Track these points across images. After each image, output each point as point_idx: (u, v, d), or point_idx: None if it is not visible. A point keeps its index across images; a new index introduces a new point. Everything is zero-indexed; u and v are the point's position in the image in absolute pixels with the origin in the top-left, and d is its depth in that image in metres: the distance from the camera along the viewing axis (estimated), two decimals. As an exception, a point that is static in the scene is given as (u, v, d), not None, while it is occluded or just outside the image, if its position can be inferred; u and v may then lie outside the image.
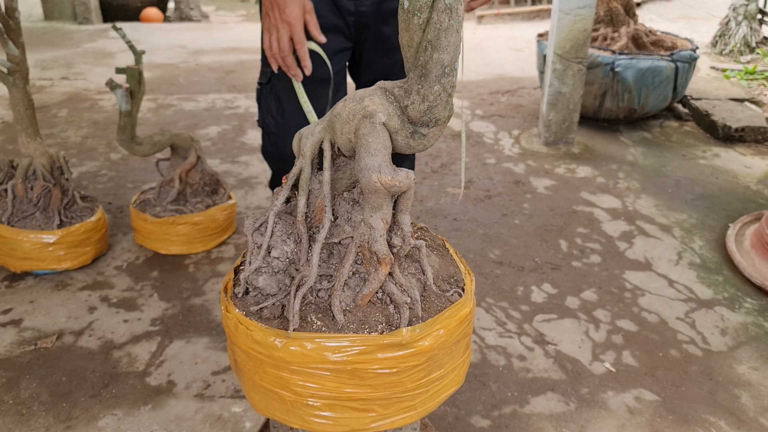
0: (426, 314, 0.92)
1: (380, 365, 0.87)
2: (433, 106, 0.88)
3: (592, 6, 3.27)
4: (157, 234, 2.41)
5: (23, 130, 2.29)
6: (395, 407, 0.92)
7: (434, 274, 1.01)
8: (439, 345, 0.91)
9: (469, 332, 1.01)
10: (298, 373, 0.88)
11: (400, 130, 0.89)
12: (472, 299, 0.98)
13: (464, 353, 1.01)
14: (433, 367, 0.93)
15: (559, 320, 2.12)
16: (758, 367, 1.93)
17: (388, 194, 0.85)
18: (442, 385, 0.97)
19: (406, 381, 0.90)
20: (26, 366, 1.86)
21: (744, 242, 2.56)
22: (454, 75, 0.88)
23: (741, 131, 3.65)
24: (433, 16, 0.84)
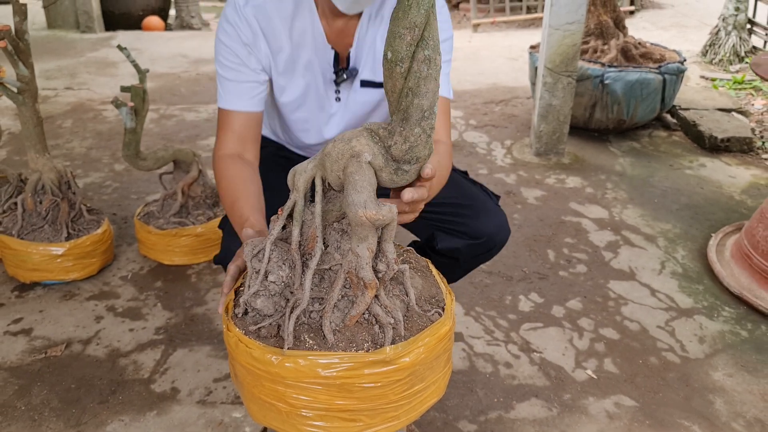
0: (408, 333, 1.01)
1: (366, 380, 0.97)
2: (414, 146, 0.97)
3: (581, 22, 3.38)
4: (160, 245, 2.51)
5: (32, 146, 2.39)
6: (380, 417, 1.02)
7: (417, 295, 1.10)
8: (420, 361, 1.00)
9: (449, 347, 1.10)
10: (292, 387, 0.97)
11: (384, 168, 0.98)
12: (451, 318, 1.07)
13: (444, 367, 1.10)
14: (414, 381, 1.02)
15: (545, 329, 2.22)
16: (733, 373, 2.03)
17: (372, 227, 0.95)
18: (424, 397, 1.06)
19: (390, 394, 1.00)
20: (37, 373, 1.96)
21: (725, 252, 2.66)
22: (433, 118, 0.97)
23: (727, 141, 3.75)
24: (414, 65, 0.93)
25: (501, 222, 1.63)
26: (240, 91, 1.47)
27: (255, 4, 1.43)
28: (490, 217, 1.59)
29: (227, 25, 1.45)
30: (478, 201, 1.57)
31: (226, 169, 1.43)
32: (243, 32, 1.44)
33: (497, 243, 1.64)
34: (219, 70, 1.50)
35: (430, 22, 0.92)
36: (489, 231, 1.55)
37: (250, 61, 1.46)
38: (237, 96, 1.47)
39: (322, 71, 1.52)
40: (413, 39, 0.92)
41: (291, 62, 1.50)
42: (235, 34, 1.44)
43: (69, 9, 6.69)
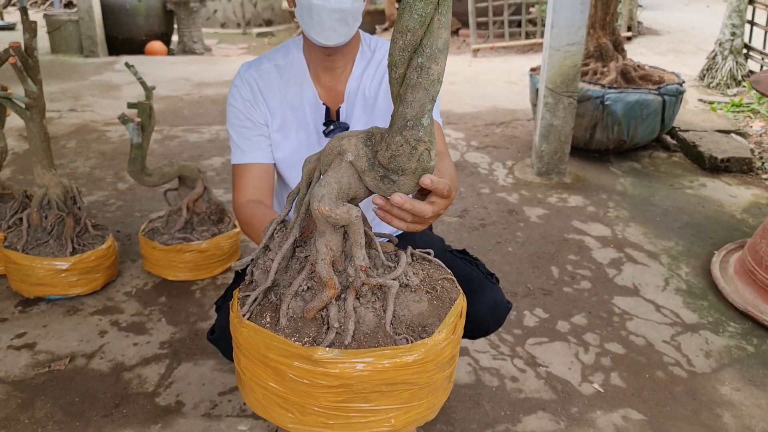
0: (355, 344, 0.99)
1: (294, 372, 0.98)
2: (396, 156, 0.95)
3: (581, 43, 3.43)
4: (165, 261, 2.51)
5: (39, 161, 2.41)
6: (312, 418, 1.01)
7: (403, 318, 1.05)
8: (358, 377, 0.97)
9: (415, 381, 1.02)
10: (245, 356, 1.04)
11: (368, 171, 0.98)
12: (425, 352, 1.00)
13: (405, 401, 1.04)
14: (352, 397, 0.99)
15: (550, 343, 2.22)
16: (740, 388, 2.02)
17: (328, 223, 0.96)
18: (368, 421, 1.02)
19: (320, 397, 0.99)
20: (41, 387, 1.95)
21: (728, 269, 2.67)
22: (419, 129, 0.94)
23: (727, 162, 3.78)
24: (407, 72, 0.93)
25: (496, 301, 1.56)
26: (250, 146, 1.59)
27: (256, 69, 1.60)
28: (483, 298, 1.52)
29: (233, 89, 1.61)
30: (472, 282, 1.50)
31: (252, 210, 1.50)
32: (244, 92, 1.59)
33: (491, 326, 1.58)
34: (230, 130, 1.63)
35: (431, 30, 0.90)
36: (481, 314, 1.50)
37: (253, 115, 1.59)
38: (248, 150, 1.59)
39: (315, 127, 1.62)
40: (405, 44, 0.91)
41: (286, 121, 1.61)
42: (239, 95, 1.60)
43: (73, 34, 6.78)
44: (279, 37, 9.15)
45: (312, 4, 1.41)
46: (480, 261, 1.66)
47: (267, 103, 1.60)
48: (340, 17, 1.41)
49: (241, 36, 9.36)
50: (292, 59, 1.61)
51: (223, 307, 1.50)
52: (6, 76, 2.59)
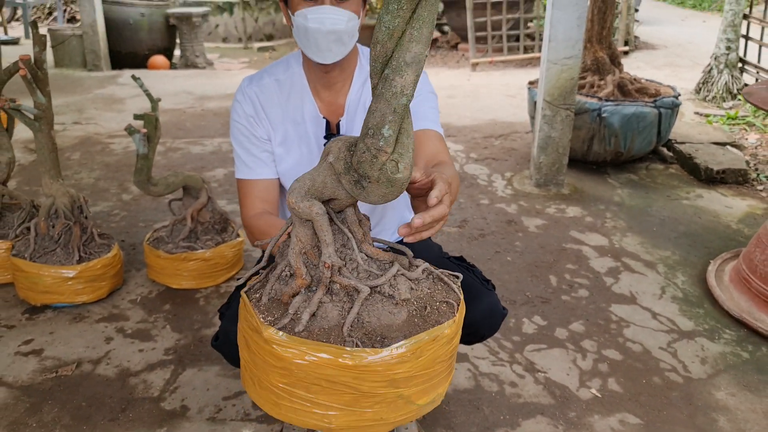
0: (305, 334, 1.04)
1: (254, 346, 1.08)
2: (360, 162, 0.99)
3: (578, 56, 3.50)
4: (169, 269, 2.55)
5: (47, 171, 2.46)
6: (266, 393, 1.10)
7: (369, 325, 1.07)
8: (297, 365, 1.02)
9: (356, 387, 1.04)
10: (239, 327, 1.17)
11: (344, 174, 1.03)
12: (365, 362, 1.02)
13: (346, 403, 1.05)
14: (295, 382, 1.04)
15: (549, 350, 2.25)
16: (735, 393, 2.05)
17: (296, 216, 1.05)
18: (309, 411, 1.07)
19: (270, 374, 1.06)
20: (48, 392, 1.98)
21: (724, 277, 2.71)
22: (380, 139, 0.97)
23: (722, 173, 3.84)
24: (378, 82, 0.97)
25: (491, 307, 1.59)
26: (255, 162, 1.64)
27: (257, 84, 1.64)
28: (479, 304, 1.55)
29: (236, 104, 1.66)
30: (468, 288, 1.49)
31: (265, 220, 1.56)
32: (246, 108, 1.64)
33: (486, 331, 1.62)
34: (234, 145, 1.68)
35: (401, 43, 0.93)
36: (477, 320, 1.52)
37: (256, 130, 1.64)
38: (254, 166, 1.64)
39: (316, 140, 1.67)
40: (376, 55, 0.95)
41: (288, 135, 1.66)
42: (241, 110, 1.64)
43: (76, 48, 6.86)
44: (280, 51, 9.24)
45: (308, 28, 1.46)
46: (477, 268, 1.71)
47: (269, 117, 1.64)
48: (336, 38, 1.47)
49: (243, 50, 9.45)
50: (293, 74, 1.65)
51: (227, 314, 1.54)
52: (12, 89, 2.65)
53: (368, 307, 1.08)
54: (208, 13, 7.93)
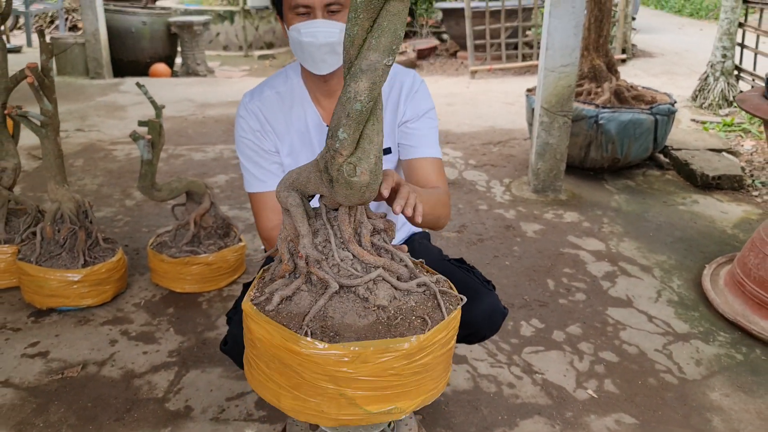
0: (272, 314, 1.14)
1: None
2: (326, 161, 1.10)
3: (575, 64, 3.55)
4: (172, 273, 2.59)
5: (52, 177, 2.50)
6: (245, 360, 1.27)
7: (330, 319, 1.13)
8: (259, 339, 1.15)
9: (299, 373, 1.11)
10: None
11: (323, 173, 1.11)
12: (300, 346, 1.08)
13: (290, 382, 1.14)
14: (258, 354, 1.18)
15: (546, 352, 2.29)
16: (729, 393, 2.09)
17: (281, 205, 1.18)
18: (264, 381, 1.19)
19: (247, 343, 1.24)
20: (54, 393, 2.02)
21: (719, 281, 2.75)
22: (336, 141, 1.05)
23: (718, 179, 3.88)
24: None
25: (492, 307, 1.61)
26: (267, 174, 1.68)
27: (259, 98, 1.68)
28: (479, 304, 1.57)
29: (240, 120, 1.69)
30: (469, 289, 1.54)
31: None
32: (252, 123, 1.67)
33: (487, 331, 1.66)
34: (242, 160, 1.71)
35: (361, 50, 1.00)
36: (477, 320, 1.57)
37: (264, 143, 1.67)
38: (265, 179, 1.67)
39: (321, 148, 1.70)
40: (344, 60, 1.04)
41: (294, 145, 1.70)
42: (247, 126, 1.68)
43: (79, 56, 6.92)
44: (280, 59, 9.31)
45: (302, 42, 1.51)
46: (476, 269, 1.74)
47: (274, 130, 1.67)
48: (330, 49, 1.51)
49: (243, 58, 9.52)
50: (292, 85, 1.69)
51: (234, 319, 1.57)
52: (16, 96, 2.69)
53: (337, 304, 1.14)
54: (209, 21, 8.00)
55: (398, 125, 1.69)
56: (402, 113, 1.68)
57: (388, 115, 1.68)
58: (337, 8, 1.50)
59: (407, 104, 1.68)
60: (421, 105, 1.68)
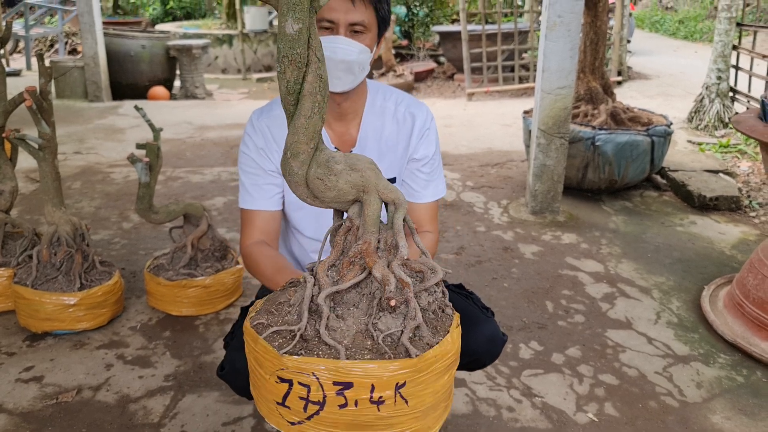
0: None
1: None
2: None
3: (571, 87, 3.57)
4: (169, 296, 2.58)
5: (50, 200, 2.50)
6: None
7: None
8: None
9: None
10: None
11: None
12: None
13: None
14: None
15: (546, 375, 2.27)
16: (731, 417, 2.07)
17: None
18: None
19: None
20: (48, 419, 1.99)
21: (718, 303, 2.74)
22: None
23: (715, 200, 3.89)
24: None
25: (491, 334, 1.61)
26: (260, 192, 1.67)
27: (268, 116, 1.67)
28: (478, 331, 1.57)
29: (246, 137, 1.69)
30: (468, 316, 1.54)
31: (260, 251, 1.62)
32: (257, 140, 1.66)
33: (487, 359, 1.65)
34: (241, 176, 1.71)
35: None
36: (477, 347, 1.56)
37: (265, 164, 1.66)
38: (257, 197, 1.67)
39: None
40: None
41: None
42: (252, 143, 1.67)
43: (78, 80, 6.96)
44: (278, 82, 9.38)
45: None
46: (475, 295, 1.74)
47: (280, 148, 1.65)
48: (346, 67, 1.51)
49: (242, 81, 9.59)
50: None
51: (232, 344, 1.56)
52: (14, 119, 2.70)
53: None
54: (208, 45, 8.07)
55: (408, 160, 1.71)
56: (413, 148, 1.70)
57: (400, 144, 1.70)
58: (361, 29, 1.51)
59: (420, 142, 1.70)
60: (431, 146, 1.72)
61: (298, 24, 0.99)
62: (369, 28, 1.52)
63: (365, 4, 1.50)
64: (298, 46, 1.01)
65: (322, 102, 1.05)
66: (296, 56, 1.02)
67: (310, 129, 1.06)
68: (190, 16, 13.72)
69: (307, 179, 1.09)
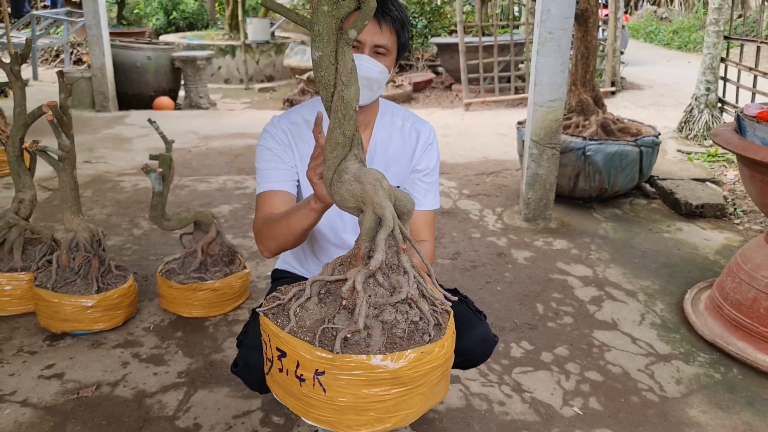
0: None
1: None
2: None
3: (562, 99, 3.74)
4: (180, 299, 2.73)
5: (68, 208, 2.65)
6: None
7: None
8: None
9: None
10: None
11: None
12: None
13: None
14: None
15: (535, 372, 2.42)
16: (707, 410, 2.22)
17: None
18: None
19: None
20: (70, 412, 2.14)
21: (699, 305, 2.90)
22: None
23: (701, 208, 4.05)
24: None
25: (484, 335, 1.75)
26: (276, 176, 1.78)
27: (289, 121, 1.81)
28: (471, 332, 1.71)
29: (266, 134, 1.82)
30: (462, 318, 1.68)
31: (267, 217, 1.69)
32: (279, 136, 1.80)
33: (480, 358, 1.82)
34: (257, 166, 1.82)
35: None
36: (470, 347, 1.72)
37: (285, 155, 1.80)
38: (273, 179, 1.77)
39: None
40: None
41: None
42: (272, 138, 1.81)
43: (85, 90, 7.13)
44: (280, 92, 9.55)
45: None
46: (469, 299, 1.90)
47: (299, 149, 1.80)
48: (366, 83, 1.65)
49: (244, 91, 9.76)
50: None
51: (245, 342, 1.70)
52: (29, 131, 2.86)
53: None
54: (212, 56, 8.24)
55: (411, 171, 1.88)
56: (417, 160, 1.87)
57: (405, 156, 1.86)
58: (384, 51, 1.67)
59: (423, 155, 1.86)
60: (432, 159, 1.89)
61: (318, 52, 1.18)
62: (390, 52, 1.69)
63: (390, 30, 1.66)
64: (321, 69, 1.19)
65: (342, 119, 1.21)
66: (322, 78, 1.21)
67: (332, 140, 1.24)
68: (193, 27, 13.91)
69: (330, 182, 1.27)
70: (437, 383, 1.27)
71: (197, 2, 14.18)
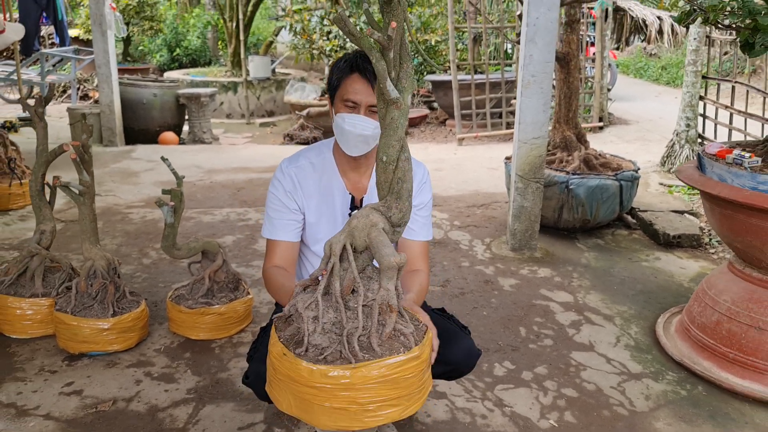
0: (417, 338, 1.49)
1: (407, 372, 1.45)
2: (405, 214, 1.50)
3: (545, 137, 4.01)
4: (189, 322, 2.95)
5: (87, 238, 2.89)
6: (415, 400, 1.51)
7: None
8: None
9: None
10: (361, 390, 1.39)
11: (388, 231, 1.49)
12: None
13: None
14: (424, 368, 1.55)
15: (516, 389, 2.64)
16: (672, 423, 2.43)
17: (396, 269, 1.43)
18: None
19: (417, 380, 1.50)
20: (90, 425, 2.35)
21: (671, 328, 3.12)
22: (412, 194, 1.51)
23: (678, 238, 4.30)
24: (399, 164, 1.48)
25: (469, 348, 2.01)
26: (283, 225, 2.07)
27: (296, 166, 2.07)
28: (457, 344, 1.96)
29: (275, 181, 2.10)
30: (449, 332, 1.95)
31: (276, 272, 2.01)
32: (286, 184, 2.08)
33: (465, 368, 2.07)
34: (267, 210, 2.11)
35: (405, 138, 1.45)
36: (457, 359, 1.98)
37: (290, 204, 2.08)
38: (279, 230, 2.07)
39: (342, 212, 2.13)
40: (399, 147, 1.45)
41: (320, 206, 2.10)
42: (280, 186, 2.08)
43: (94, 126, 7.39)
44: (280, 126, 9.87)
45: (344, 128, 1.94)
46: (455, 317, 2.14)
47: (304, 192, 2.07)
48: (363, 139, 1.95)
49: (246, 125, 10.08)
50: (324, 158, 2.11)
51: (255, 357, 1.94)
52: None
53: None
54: (215, 93, 8.56)
55: None
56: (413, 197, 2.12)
57: None
58: (377, 110, 1.95)
59: (418, 193, 2.10)
60: (426, 196, 2.15)
61: None
62: None
63: None
64: None
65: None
66: None
67: None
68: (196, 63, 14.33)
69: None
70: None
71: (200, 40, 14.62)
